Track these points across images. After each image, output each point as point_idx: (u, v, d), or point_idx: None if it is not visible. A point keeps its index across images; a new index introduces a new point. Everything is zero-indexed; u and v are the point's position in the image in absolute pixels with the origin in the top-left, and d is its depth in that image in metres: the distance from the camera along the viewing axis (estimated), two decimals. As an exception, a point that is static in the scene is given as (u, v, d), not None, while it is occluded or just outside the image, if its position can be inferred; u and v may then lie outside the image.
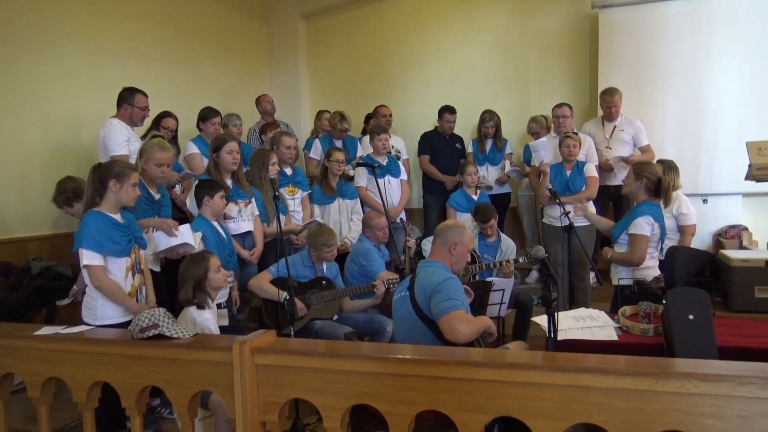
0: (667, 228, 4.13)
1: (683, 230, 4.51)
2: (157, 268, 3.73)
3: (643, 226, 3.82)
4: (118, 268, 3.10)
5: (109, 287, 3.05)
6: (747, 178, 2.96)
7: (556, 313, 2.48)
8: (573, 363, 2.00)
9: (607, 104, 5.82)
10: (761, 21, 5.81)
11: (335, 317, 4.19)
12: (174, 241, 3.55)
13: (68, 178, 4.26)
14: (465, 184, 5.51)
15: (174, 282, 3.32)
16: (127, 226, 3.15)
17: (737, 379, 1.77)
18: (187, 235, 3.59)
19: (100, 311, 3.07)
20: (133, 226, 3.21)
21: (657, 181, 3.89)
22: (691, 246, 4.36)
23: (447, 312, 2.78)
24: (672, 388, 1.81)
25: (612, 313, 3.34)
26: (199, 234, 3.68)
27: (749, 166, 2.87)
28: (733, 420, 1.78)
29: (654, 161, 5.30)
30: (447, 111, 6.39)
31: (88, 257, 3.00)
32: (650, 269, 3.87)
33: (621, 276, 3.99)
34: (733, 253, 3.71)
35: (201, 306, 3.06)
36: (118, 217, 3.13)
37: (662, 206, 3.97)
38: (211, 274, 3.18)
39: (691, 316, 2.45)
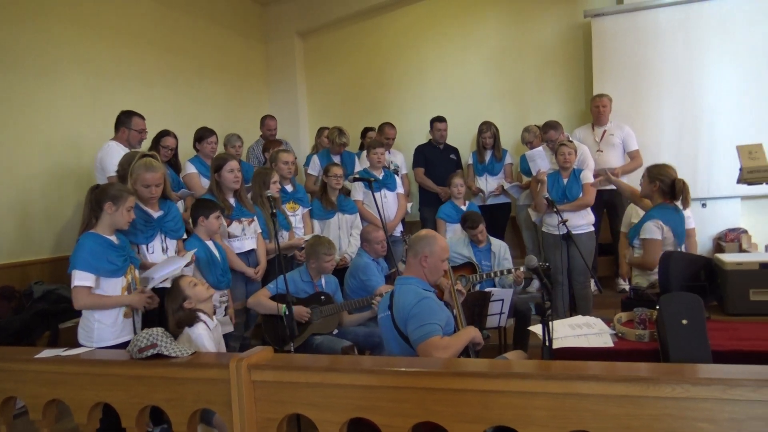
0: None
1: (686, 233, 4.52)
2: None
3: (653, 230, 3.85)
4: (114, 289, 3.13)
5: (95, 301, 3.08)
6: (739, 181, 2.98)
7: (550, 322, 2.50)
8: (565, 371, 2.01)
9: (596, 104, 5.96)
10: (753, 25, 5.84)
11: (335, 332, 4.21)
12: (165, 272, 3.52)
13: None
14: (452, 195, 5.56)
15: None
16: (122, 247, 3.19)
17: (728, 382, 1.78)
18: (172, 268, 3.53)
19: (97, 334, 3.10)
20: (127, 247, 3.24)
21: (671, 183, 3.90)
22: (697, 249, 4.37)
23: (422, 340, 2.73)
24: (663, 392, 1.82)
25: None
26: (191, 253, 3.67)
27: (740, 169, 2.90)
28: (726, 423, 1.79)
29: (642, 167, 5.36)
30: (437, 120, 6.48)
31: (80, 278, 3.03)
32: None
33: (637, 280, 4.03)
34: (727, 257, 3.72)
35: (191, 324, 3.07)
36: (113, 238, 3.17)
37: (681, 207, 3.96)
38: (189, 292, 3.15)
39: (684, 321, 2.46)
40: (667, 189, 3.92)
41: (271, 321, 4.05)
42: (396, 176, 5.83)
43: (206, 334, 3.00)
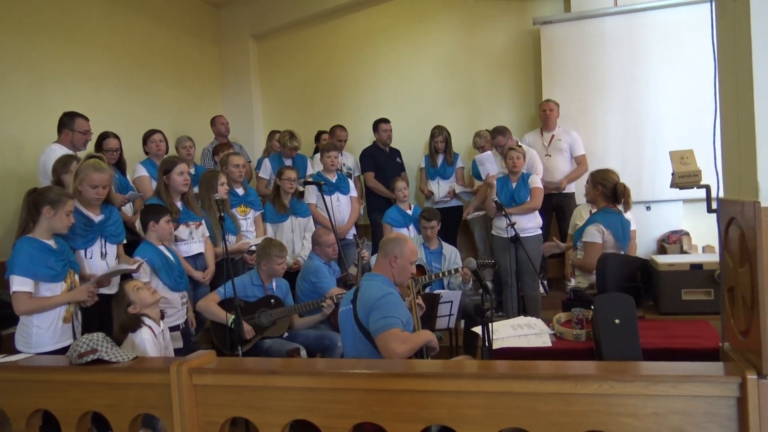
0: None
1: None
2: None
3: (594, 234, 3.98)
4: (54, 294, 3.08)
5: (36, 305, 3.03)
6: (672, 185, 3.09)
7: (490, 323, 2.57)
8: (498, 370, 2.09)
9: (543, 109, 6.13)
10: (693, 35, 6.03)
11: (285, 335, 4.21)
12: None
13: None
14: (398, 199, 5.60)
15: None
16: (61, 251, 3.14)
17: (650, 378, 1.87)
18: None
19: (35, 339, 3.04)
20: (66, 251, 3.20)
21: (613, 187, 4.04)
22: (636, 251, 4.52)
23: (382, 331, 2.78)
24: (591, 389, 1.90)
25: None
26: (143, 261, 3.62)
27: (672, 174, 3.01)
28: (648, 418, 1.88)
29: (588, 172, 5.52)
30: (382, 122, 6.53)
31: (18, 283, 2.98)
32: None
33: (579, 280, 4.15)
34: (660, 258, 3.87)
35: (134, 329, 3.04)
36: (51, 242, 3.12)
37: (622, 211, 4.09)
38: (133, 297, 3.12)
39: (617, 321, 2.56)
40: (609, 193, 4.06)
41: (220, 325, 4.03)
42: (349, 179, 5.85)
43: (150, 339, 2.97)
